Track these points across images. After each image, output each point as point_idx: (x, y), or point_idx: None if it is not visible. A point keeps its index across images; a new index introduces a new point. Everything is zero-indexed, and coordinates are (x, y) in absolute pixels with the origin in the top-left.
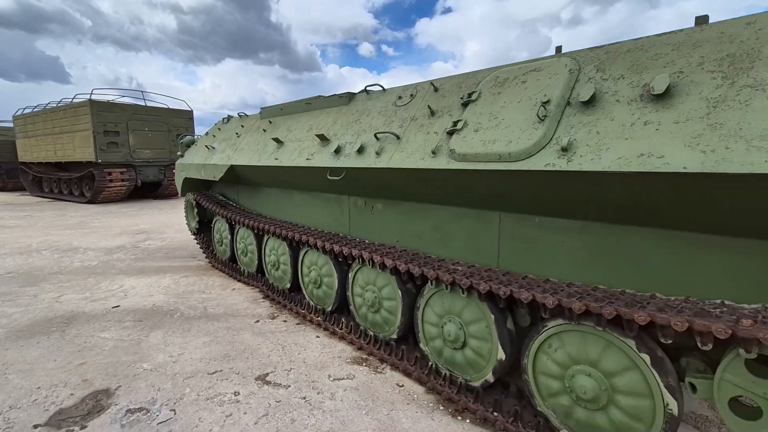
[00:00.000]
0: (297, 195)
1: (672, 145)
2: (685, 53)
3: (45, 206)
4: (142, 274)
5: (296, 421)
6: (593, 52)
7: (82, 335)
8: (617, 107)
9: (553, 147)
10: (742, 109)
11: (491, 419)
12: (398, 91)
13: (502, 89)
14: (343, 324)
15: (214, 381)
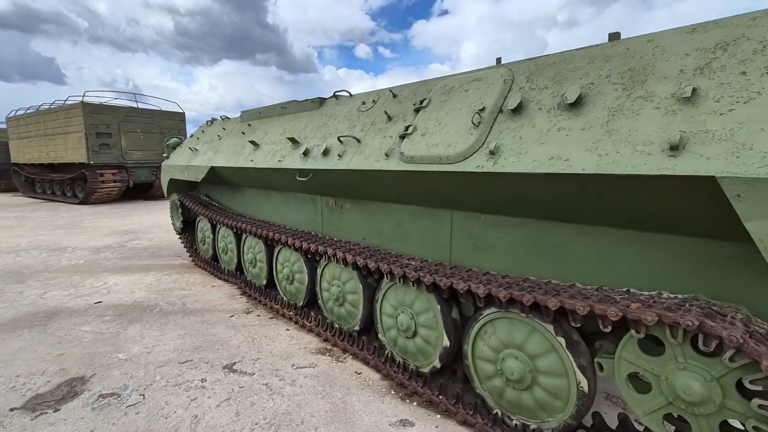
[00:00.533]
0: (274, 195)
1: (577, 150)
2: (597, 66)
3: (37, 207)
4: (127, 272)
5: (255, 404)
6: (526, 63)
7: (63, 329)
8: (539, 115)
9: (484, 150)
10: (633, 117)
11: (436, 401)
12: (363, 97)
13: (448, 97)
14: (312, 318)
15: (183, 369)
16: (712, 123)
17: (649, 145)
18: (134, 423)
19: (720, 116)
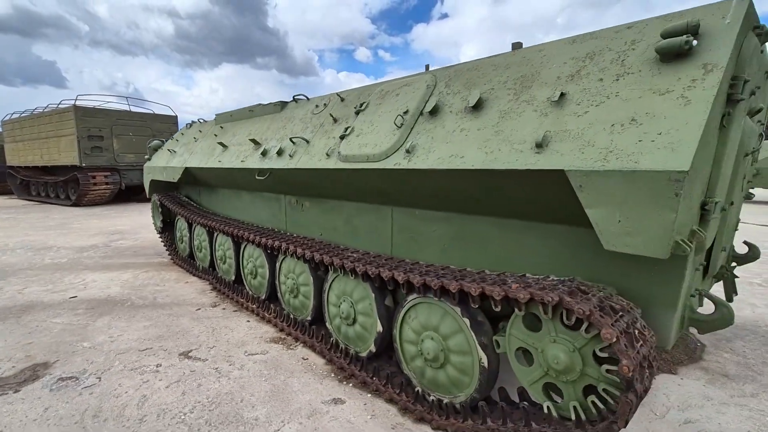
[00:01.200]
0: (245, 195)
1: (471, 148)
2: (499, 73)
3: (30, 209)
4: (106, 270)
5: (202, 385)
6: (447, 70)
7: (35, 321)
8: (449, 117)
9: (402, 149)
10: (516, 119)
11: (369, 382)
12: (317, 101)
13: (382, 100)
14: (272, 310)
15: (142, 356)
16: (570, 123)
17: (523, 143)
18: (87, 402)
19: (577, 117)
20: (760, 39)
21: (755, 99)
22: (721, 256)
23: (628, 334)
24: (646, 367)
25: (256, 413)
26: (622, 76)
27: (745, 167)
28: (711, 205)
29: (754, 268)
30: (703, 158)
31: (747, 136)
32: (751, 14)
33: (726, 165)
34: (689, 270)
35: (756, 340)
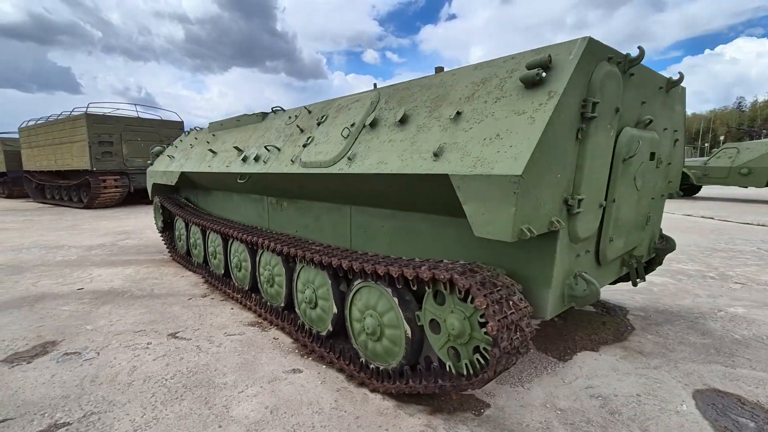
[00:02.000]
0: (235, 197)
1: (394, 156)
2: (423, 93)
3: (44, 211)
4: (111, 266)
5: (184, 358)
6: (389, 89)
7: (46, 308)
8: (383, 129)
9: (346, 157)
10: (427, 132)
11: (325, 356)
12: (291, 113)
13: (338, 114)
14: (253, 299)
15: (135, 336)
16: (459, 137)
17: (427, 153)
18: (86, 370)
19: (465, 132)
20: (620, 66)
21: (633, 113)
22: (611, 245)
23: (499, 303)
24: (514, 330)
25: (225, 379)
26: (499, 99)
27: (640, 170)
28: (573, 201)
29: (714, 262)
30: (550, 164)
31: (626, 145)
32: (595, 49)
33: (591, 169)
34: (560, 255)
35: (684, 324)
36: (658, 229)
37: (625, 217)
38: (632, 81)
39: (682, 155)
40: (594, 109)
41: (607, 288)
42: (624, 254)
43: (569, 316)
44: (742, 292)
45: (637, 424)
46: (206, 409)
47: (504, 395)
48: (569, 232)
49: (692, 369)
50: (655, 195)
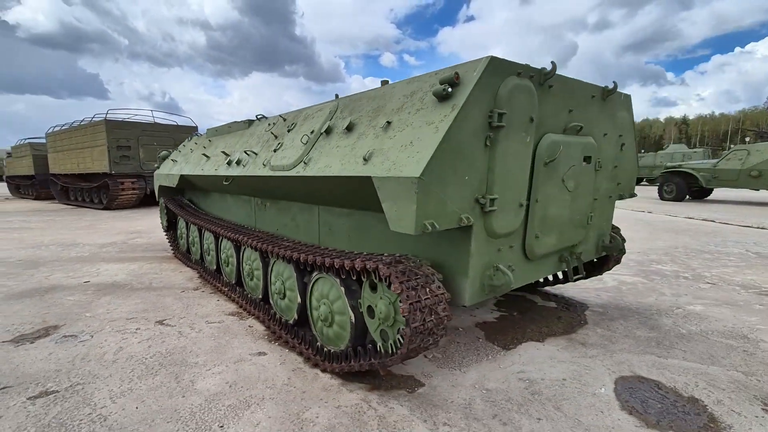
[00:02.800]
0: (228, 198)
1: (337, 160)
2: (368, 104)
3: (67, 212)
4: (118, 262)
5: (165, 341)
6: (345, 99)
7: (53, 298)
8: (335, 136)
9: (303, 161)
10: (364, 140)
11: (289, 342)
12: (271, 120)
13: (304, 122)
14: (237, 292)
15: (127, 323)
16: (386, 144)
17: (360, 157)
18: (79, 350)
19: (390, 140)
20: (534, 79)
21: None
22: (538, 242)
23: (414, 289)
24: (427, 313)
25: (197, 359)
26: (419, 110)
27: (570, 172)
28: (485, 200)
29: (694, 263)
30: (455, 168)
31: (546, 149)
32: (499, 66)
33: (504, 172)
34: (476, 248)
35: (637, 320)
36: (608, 229)
37: (554, 216)
38: (553, 92)
39: (633, 159)
40: (501, 118)
41: (575, 286)
42: (561, 250)
43: (527, 311)
44: (709, 292)
45: (552, 403)
46: (175, 383)
47: (440, 377)
48: (485, 227)
49: (625, 359)
50: (598, 196)
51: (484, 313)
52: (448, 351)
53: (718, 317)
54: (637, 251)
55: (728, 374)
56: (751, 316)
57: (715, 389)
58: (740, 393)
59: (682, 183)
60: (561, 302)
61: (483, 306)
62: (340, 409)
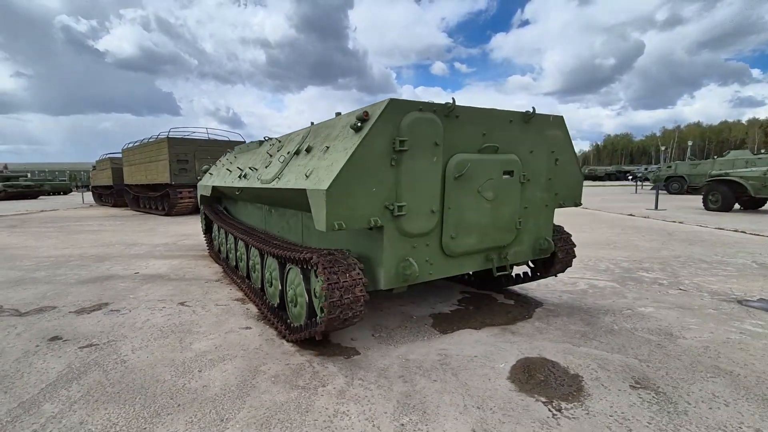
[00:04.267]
0: (248, 206)
1: (294, 176)
2: (325, 131)
3: (135, 217)
4: (165, 258)
5: (181, 317)
6: (316, 125)
7: (110, 284)
8: (300, 157)
9: (278, 177)
10: (313, 160)
11: (270, 319)
12: (272, 141)
13: (287, 144)
14: (246, 283)
15: (157, 303)
16: (320, 164)
17: (305, 175)
18: (118, 319)
19: (324, 161)
20: (438, 113)
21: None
22: (454, 242)
23: (335, 273)
24: (344, 292)
25: (199, 329)
26: (344, 138)
27: (486, 184)
28: (393, 206)
29: (683, 272)
30: (363, 182)
31: (455, 167)
32: (399, 104)
33: (410, 185)
34: (389, 244)
35: (579, 317)
36: (546, 234)
37: (471, 220)
38: (461, 120)
39: (571, 172)
40: (403, 144)
41: (544, 287)
42: (486, 250)
43: (484, 306)
44: (673, 297)
45: (453, 371)
46: (178, 343)
47: (375, 349)
48: (396, 228)
49: (541, 345)
50: (529, 205)
51: (443, 306)
52: (394, 333)
53: (660, 318)
54: (633, 260)
55: (625, 361)
56: (695, 318)
57: (601, 370)
58: (621, 374)
59: (729, 192)
60: (520, 300)
61: (446, 300)
62: (288, 366)
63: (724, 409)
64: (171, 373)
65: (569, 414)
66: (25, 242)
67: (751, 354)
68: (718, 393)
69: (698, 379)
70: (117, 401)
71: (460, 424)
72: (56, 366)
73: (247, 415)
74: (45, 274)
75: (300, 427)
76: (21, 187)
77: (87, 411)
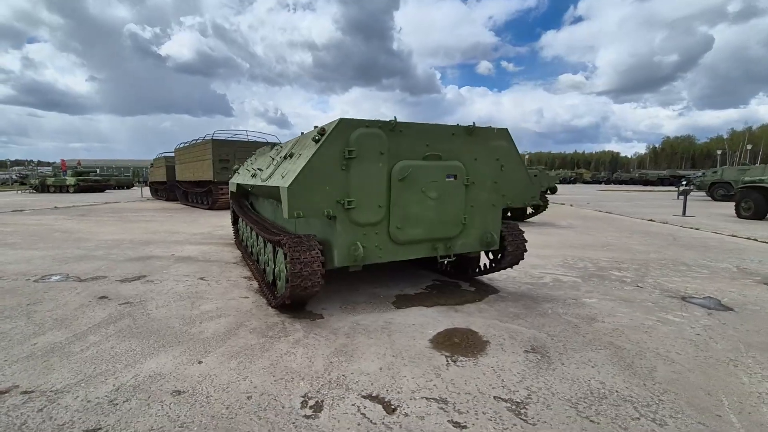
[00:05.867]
0: (264, 201)
1: (277, 176)
2: (303, 140)
3: (182, 210)
4: (198, 245)
5: (198, 288)
6: (301, 136)
7: (150, 262)
8: (286, 161)
9: (271, 176)
10: (288, 164)
11: (264, 292)
12: (278, 147)
13: (283, 150)
14: (255, 264)
15: (182, 277)
16: (290, 167)
17: (283, 176)
18: (150, 287)
19: (293, 165)
20: (383, 128)
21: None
22: (400, 231)
23: (297, 251)
24: (304, 266)
25: (209, 297)
26: (308, 148)
27: (430, 185)
28: (343, 201)
29: (654, 272)
30: (318, 181)
31: (399, 171)
32: (348, 122)
33: (359, 185)
34: (341, 231)
35: (522, 303)
36: (493, 229)
37: (416, 215)
38: (404, 134)
39: (518, 177)
40: (351, 153)
41: (510, 278)
42: (432, 240)
43: (446, 291)
44: (624, 292)
45: (389, 333)
46: (190, 305)
47: (336, 316)
48: (348, 219)
49: (473, 320)
50: (475, 204)
51: (411, 290)
52: (358, 306)
53: (596, 307)
54: (616, 260)
55: (536, 335)
56: (628, 308)
57: (510, 340)
58: (525, 343)
59: (762, 200)
60: (481, 288)
61: (415, 285)
62: (265, 323)
63: (587, 369)
64: (179, 322)
65: (460, 364)
66: (90, 228)
67: (650, 336)
68: (593, 359)
69: (586, 350)
70: (138, 337)
71: (373, 364)
72: (101, 314)
73: (224, 350)
74: (102, 253)
75: (258, 359)
76: (91, 182)
77: (116, 341)
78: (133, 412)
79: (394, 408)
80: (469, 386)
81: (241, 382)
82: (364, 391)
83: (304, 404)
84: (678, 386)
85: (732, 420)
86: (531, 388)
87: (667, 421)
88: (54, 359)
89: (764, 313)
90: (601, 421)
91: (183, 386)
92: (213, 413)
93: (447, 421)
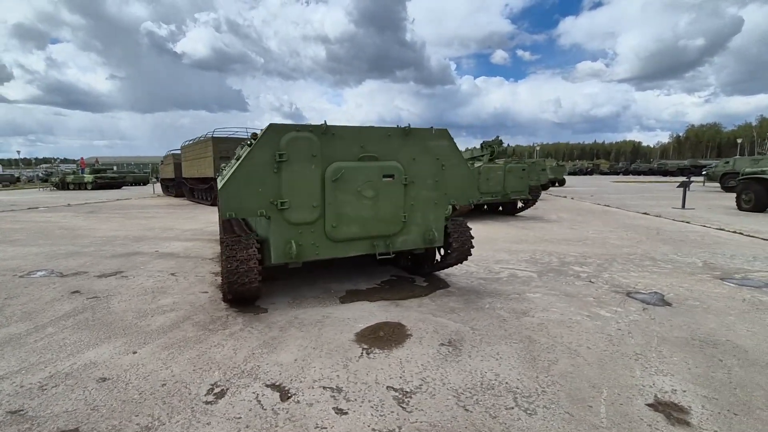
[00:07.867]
0: None
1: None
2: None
3: (186, 206)
4: (185, 241)
5: (165, 283)
6: None
7: (132, 258)
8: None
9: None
10: (234, 166)
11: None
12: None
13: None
14: None
15: (155, 273)
16: (228, 170)
17: (227, 177)
18: (123, 282)
19: (230, 168)
20: (314, 132)
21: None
22: (335, 230)
23: (234, 249)
24: (240, 262)
25: (171, 291)
26: (242, 151)
27: (366, 185)
28: (276, 202)
29: (613, 267)
30: (249, 183)
31: (332, 172)
32: (277, 128)
33: (291, 186)
34: (276, 229)
35: (464, 298)
36: (436, 226)
37: (351, 213)
38: (337, 136)
39: (460, 175)
40: (282, 156)
41: (466, 273)
42: (371, 237)
43: (397, 286)
44: (571, 287)
45: (320, 327)
46: (151, 299)
47: (280, 310)
48: (283, 218)
49: (408, 315)
50: (416, 202)
51: (364, 285)
52: (305, 301)
53: (535, 302)
54: (583, 255)
55: (460, 328)
56: (565, 303)
57: (432, 333)
58: (444, 337)
59: (763, 191)
60: (433, 283)
61: (370, 280)
62: (211, 316)
63: (490, 362)
64: (133, 316)
65: (373, 356)
66: (92, 225)
67: (571, 331)
68: (502, 352)
69: (500, 344)
70: (90, 329)
71: (291, 356)
72: (66, 308)
73: (162, 342)
74: (92, 250)
75: (189, 349)
76: (107, 179)
77: (70, 332)
78: (56, 397)
79: (290, 396)
80: (369, 377)
81: (163, 371)
82: (270, 380)
83: (209, 391)
84: (568, 379)
85: (600, 411)
86: (426, 379)
87: (538, 411)
88: (7, 349)
89: (700, 309)
90: (475, 410)
91: (110, 374)
92: (126, 398)
93: (332, 408)
